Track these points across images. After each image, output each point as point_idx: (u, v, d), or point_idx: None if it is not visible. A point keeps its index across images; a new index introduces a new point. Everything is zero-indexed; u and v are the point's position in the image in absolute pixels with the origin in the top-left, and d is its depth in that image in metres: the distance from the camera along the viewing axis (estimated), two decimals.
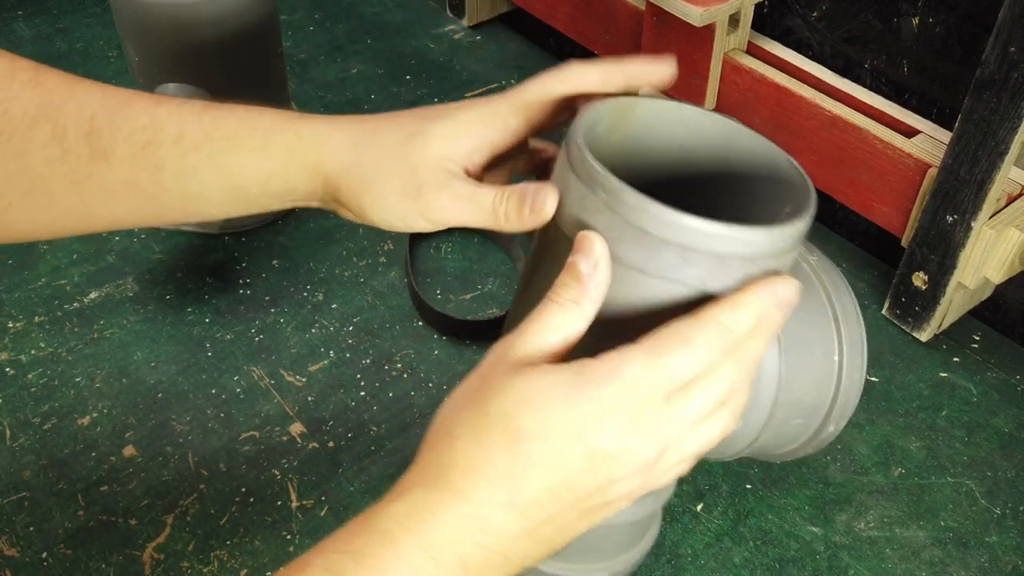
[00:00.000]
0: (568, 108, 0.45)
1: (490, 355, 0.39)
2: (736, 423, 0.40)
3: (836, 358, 0.48)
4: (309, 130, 0.45)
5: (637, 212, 0.37)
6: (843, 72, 0.77)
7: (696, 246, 0.37)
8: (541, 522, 0.37)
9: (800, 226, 0.39)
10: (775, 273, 0.39)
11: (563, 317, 0.38)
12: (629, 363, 0.36)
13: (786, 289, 0.38)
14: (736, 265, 0.38)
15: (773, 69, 0.76)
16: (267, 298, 0.75)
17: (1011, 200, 0.67)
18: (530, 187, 0.42)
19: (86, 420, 0.65)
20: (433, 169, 0.43)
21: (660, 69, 0.45)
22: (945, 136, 0.69)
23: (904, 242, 0.71)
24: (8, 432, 0.64)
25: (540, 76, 0.45)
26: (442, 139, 0.43)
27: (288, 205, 0.48)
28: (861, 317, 0.49)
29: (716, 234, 0.37)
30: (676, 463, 0.39)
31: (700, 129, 0.45)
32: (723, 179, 0.46)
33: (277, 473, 0.63)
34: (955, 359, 0.72)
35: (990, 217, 0.65)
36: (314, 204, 0.48)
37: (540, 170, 0.49)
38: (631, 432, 0.36)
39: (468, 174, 0.44)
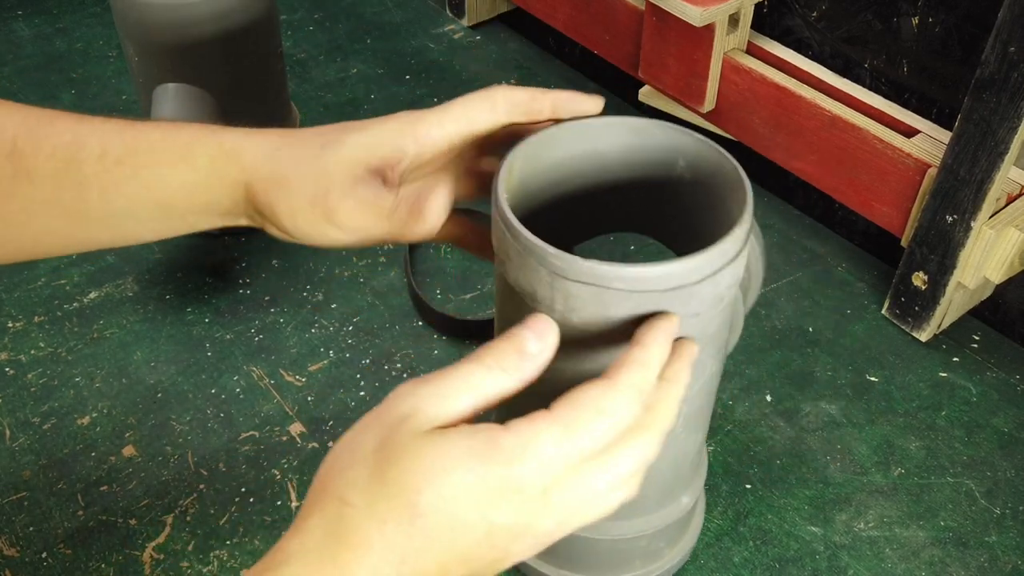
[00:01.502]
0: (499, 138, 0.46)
1: (395, 402, 0.36)
2: (637, 491, 0.39)
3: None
4: (230, 141, 0.45)
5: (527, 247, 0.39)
6: (843, 72, 0.77)
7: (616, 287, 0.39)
8: None
9: (711, 254, 0.39)
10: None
11: (489, 383, 0.36)
12: (543, 439, 0.35)
13: (688, 346, 0.40)
14: (642, 299, 0.39)
15: (773, 69, 0.76)
16: (267, 298, 0.75)
17: (1011, 200, 0.67)
18: (421, 194, 0.43)
19: (86, 420, 0.65)
20: (343, 175, 0.44)
21: (588, 102, 0.46)
22: (945, 136, 0.69)
23: (904, 242, 0.71)
24: (8, 432, 0.64)
25: (466, 98, 0.45)
26: (356, 147, 0.43)
27: (217, 223, 0.47)
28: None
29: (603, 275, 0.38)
30: (574, 527, 0.37)
31: (645, 134, 0.46)
32: (678, 181, 0.47)
33: (277, 473, 0.63)
34: (955, 359, 0.72)
35: (990, 217, 0.65)
36: (242, 221, 0.47)
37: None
38: (536, 509, 0.35)
39: (387, 183, 0.44)
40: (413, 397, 0.36)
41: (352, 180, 0.44)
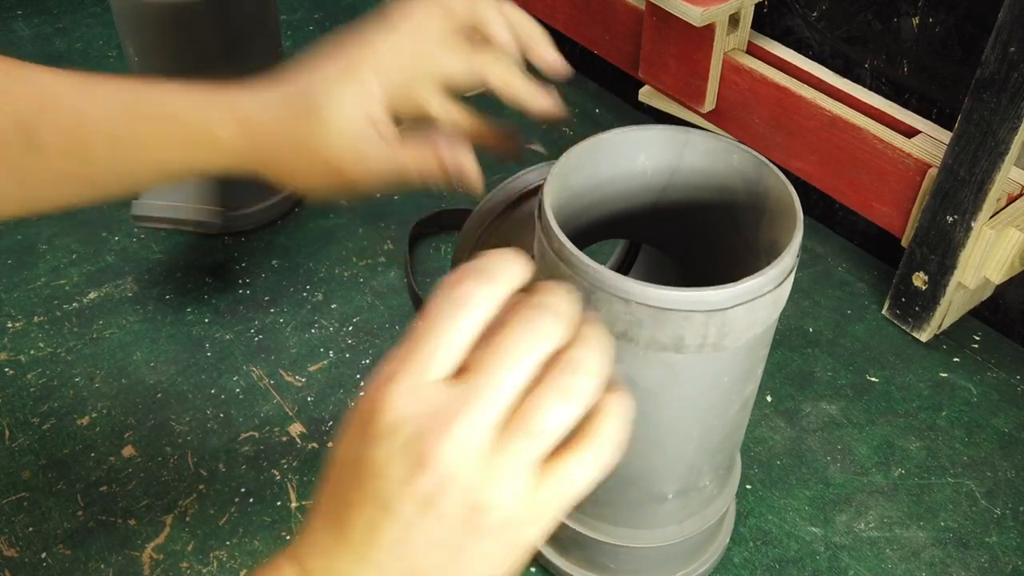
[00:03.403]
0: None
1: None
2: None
3: None
4: (228, 136, 0.48)
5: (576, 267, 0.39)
6: (843, 72, 0.77)
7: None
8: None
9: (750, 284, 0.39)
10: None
11: (453, 315, 0.34)
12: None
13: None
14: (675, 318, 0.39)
15: (773, 69, 0.76)
16: (267, 298, 0.75)
17: (1011, 200, 0.67)
18: (448, 158, 0.46)
19: (85, 420, 0.65)
20: (347, 156, 0.46)
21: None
22: (945, 136, 0.69)
23: (904, 242, 0.71)
24: (8, 432, 0.64)
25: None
26: (340, 120, 0.45)
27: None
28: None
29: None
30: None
31: (694, 147, 0.46)
32: (710, 200, 0.47)
33: (277, 473, 0.63)
34: (955, 359, 0.72)
35: (990, 217, 0.65)
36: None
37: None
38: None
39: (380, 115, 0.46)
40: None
41: (357, 149, 0.46)
